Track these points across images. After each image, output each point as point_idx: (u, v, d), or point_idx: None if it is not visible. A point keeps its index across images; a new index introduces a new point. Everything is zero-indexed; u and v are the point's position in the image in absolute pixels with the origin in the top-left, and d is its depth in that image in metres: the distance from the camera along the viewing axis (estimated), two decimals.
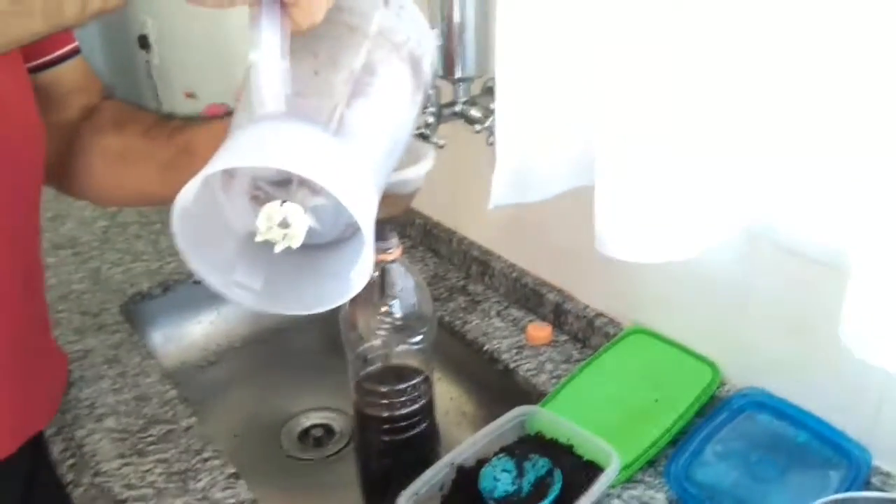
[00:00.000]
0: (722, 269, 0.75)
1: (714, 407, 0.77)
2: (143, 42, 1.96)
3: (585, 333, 0.91)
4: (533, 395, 0.83)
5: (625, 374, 0.82)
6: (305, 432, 0.92)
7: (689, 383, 0.79)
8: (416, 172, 0.58)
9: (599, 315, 0.90)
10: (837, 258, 0.64)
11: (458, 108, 0.86)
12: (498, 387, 0.90)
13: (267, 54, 0.44)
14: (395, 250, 0.71)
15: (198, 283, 0.48)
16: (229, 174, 0.49)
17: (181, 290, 1.05)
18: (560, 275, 0.95)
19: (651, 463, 0.74)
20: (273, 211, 0.45)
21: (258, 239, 0.46)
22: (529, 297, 0.97)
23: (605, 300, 0.90)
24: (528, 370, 0.87)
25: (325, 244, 0.52)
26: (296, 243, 0.46)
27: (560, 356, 0.90)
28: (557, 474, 0.68)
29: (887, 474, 0.68)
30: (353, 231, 0.50)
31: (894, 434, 0.67)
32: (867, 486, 0.68)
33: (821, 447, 0.71)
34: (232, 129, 0.49)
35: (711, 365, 0.80)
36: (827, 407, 0.71)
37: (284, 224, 0.45)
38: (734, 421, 0.76)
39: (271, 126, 0.45)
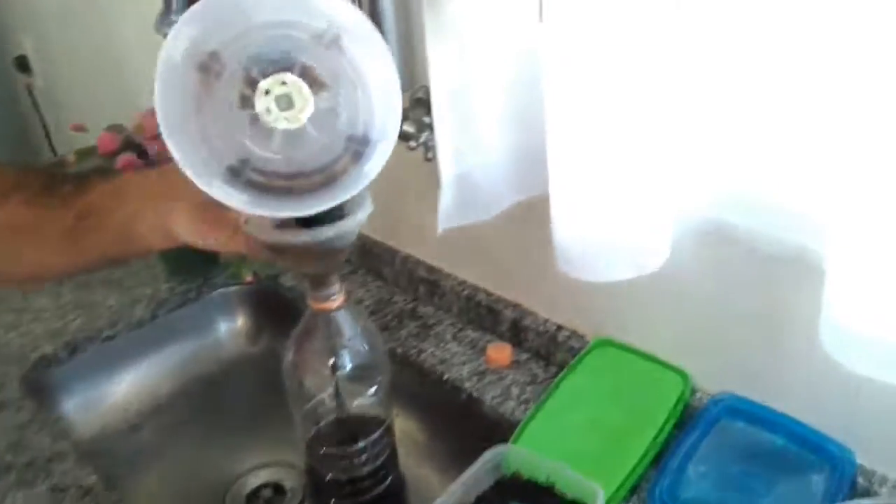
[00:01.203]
0: (683, 273, 0.71)
1: (689, 417, 0.74)
2: (22, 64, 1.78)
3: (548, 350, 0.85)
4: (502, 425, 0.77)
5: (595, 392, 0.78)
6: (254, 494, 0.83)
7: (661, 396, 0.75)
8: (355, 222, 0.52)
9: (561, 329, 0.85)
10: (800, 254, 0.61)
11: None
12: (464, 419, 0.83)
13: None
14: (338, 297, 0.63)
15: (110, 338, 0.41)
16: (217, 69, 0.42)
17: (92, 348, 0.93)
18: (515, 289, 0.89)
19: (634, 488, 0.70)
20: (273, 84, 0.42)
21: (258, 119, 0.42)
22: (484, 315, 0.91)
23: (564, 312, 0.85)
24: (494, 398, 0.81)
25: (312, 190, 0.45)
26: (304, 116, 0.42)
27: (524, 377, 0.84)
28: None
29: (872, 472, 0.66)
30: (347, 161, 0.46)
31: (874, 429, 0.65)
32: (853, 487, 0.65)
33: (800, 450, 0.69)
34: None
35: (681, 373, 0.77)
36: (802, 407, 0.69)
37: (287, 103, 0.42)
38: (711, 432, 0.72)
39: None
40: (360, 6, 0.73)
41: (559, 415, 0.76)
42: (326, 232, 0.51)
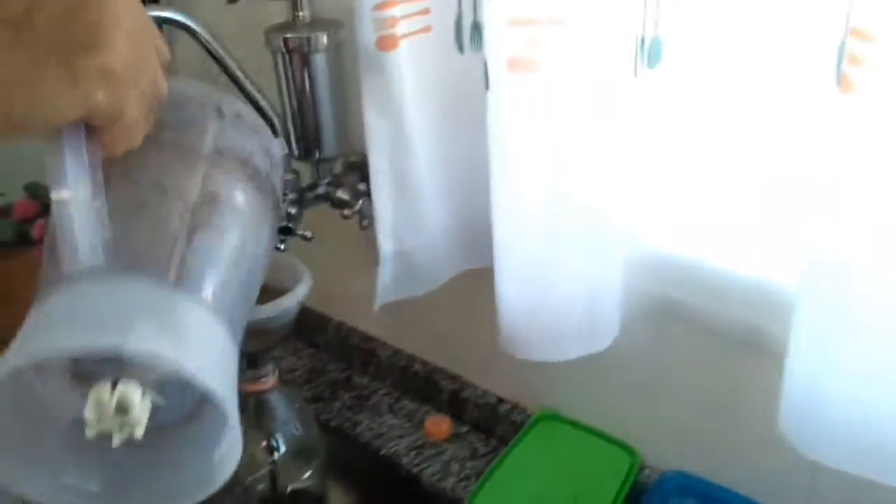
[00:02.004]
0: (631, 347, 0.70)
1: (638, 494, 0.72)
2: None
3: (488, 423, 0.83)
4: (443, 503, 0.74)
5: (539, 469, 0.75)
6: None
7: (609, 472, 0.73)
8: (292, 301, 0.49)
9: (501, 401, 0.82)
10: (754, 334, 0.61)
11: (321, 190, 0.77)
12: (402, 497, 0.79)
13: (74, 193, 0.34)
14: (270, 378, 0.60)
15: None
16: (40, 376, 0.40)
17: None
18: (454, 359, 0.86)
19: None
20: (103, 395, 0.36)
21: (89, 433, 0.37)
22: (421, 386, 0.87)
23: (506, 384, 0.83)
24: (433, 474, 0.78)
25: (176, 420, 0.42)
26: (138, 432, 0.37)
27: (464, 452, 0.81)
28: None
29: None
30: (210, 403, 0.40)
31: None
32: None
33: None
34: (39, 294, 0.38)
35: (628, 449, 0.75)
36: (755, 486, 0.68)
37: (121, 409, 0.37)
38: None
39: (91, 289, 0.35)
40: (292, 65, 0.71)
41: (502, 495, 0.73)
42: (265, 311, 0.48)
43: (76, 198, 0.34)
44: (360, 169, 0.79)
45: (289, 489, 0.64)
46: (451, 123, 0.64)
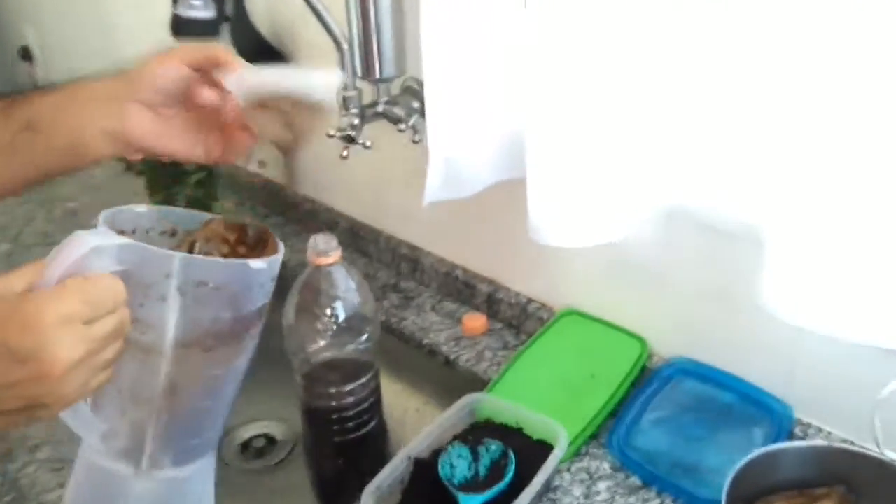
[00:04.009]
0: (642, 249, 0.79)
1: (645, 378, 0.82)
2: (25, 53, 1.85)
3: (519, 320, 0.94)
4: (475, 384, 0.85)
5: (561, 355, 0.86)
6: (246, 444, 0.90)
7: (621, 358, 0.83)
8: (324, 78, 0.59)
9: (531, 301, 0.93)
10: (746, 230, 0.69)
11: (380, 107, 0.88)
12: (440, 379, 0.91)
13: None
14: (334, 254, 0.71)
15: None
16: None
17: None
18: (490, 266, 0.97)
19: (594, 436, 0.77)
20: None
21: None
22: (461, 289, 0.99)
23: (535, 287, 0.93)
24: (468, 360, 0.89)
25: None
26: None
27: (497, 343, 0.92)
28: (511, 455, 0.70)
29: (808, 425, 0.74)
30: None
31: (809, 387, 0.73)
32: (790, 437, 0.73)
33: (745, 406, 0.76)
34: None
35: (640, 339, 0.85)
36: (747, 368, 0.77)
37: None
38: (664, 389, 0.80)
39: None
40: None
41: (528, 372, 0.84)
42: (299, 77, 0.58)
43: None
44: (413, 93, 0.90)
45: (346, 349, 0.75)
46: (499, 46, 0.74)
